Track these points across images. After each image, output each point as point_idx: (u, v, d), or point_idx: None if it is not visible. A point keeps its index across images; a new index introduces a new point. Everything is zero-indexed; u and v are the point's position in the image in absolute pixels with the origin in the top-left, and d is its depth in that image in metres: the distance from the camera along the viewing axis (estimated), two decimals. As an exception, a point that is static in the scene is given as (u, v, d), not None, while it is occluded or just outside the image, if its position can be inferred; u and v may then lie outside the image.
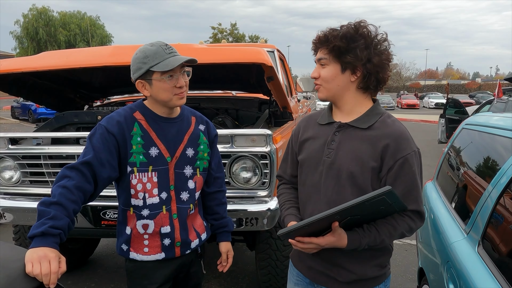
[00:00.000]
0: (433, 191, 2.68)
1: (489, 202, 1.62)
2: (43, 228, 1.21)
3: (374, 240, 1.28)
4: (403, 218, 1.29)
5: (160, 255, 1.57)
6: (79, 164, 1.40)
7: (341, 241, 1.25)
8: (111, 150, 1.46)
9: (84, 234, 2.89)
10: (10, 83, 3.02)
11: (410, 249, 4.04)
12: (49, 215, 1.25)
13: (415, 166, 1.29)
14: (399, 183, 1.27)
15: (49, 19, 45.80)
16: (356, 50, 1.27)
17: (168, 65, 1.41)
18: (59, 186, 1.34)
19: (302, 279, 1.49)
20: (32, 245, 1.20)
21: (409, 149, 1.28)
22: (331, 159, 1.34)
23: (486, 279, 1.38)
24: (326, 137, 1.38)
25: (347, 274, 1.36)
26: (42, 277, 1.13)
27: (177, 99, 1.49)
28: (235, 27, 42.32)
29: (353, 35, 1.28)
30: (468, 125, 2.53)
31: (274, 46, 4.25)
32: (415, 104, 32.13)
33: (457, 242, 1.76)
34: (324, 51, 1.32)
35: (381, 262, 1.40)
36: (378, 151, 1.29)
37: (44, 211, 1.26)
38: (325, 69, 1.33)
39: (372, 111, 1.36)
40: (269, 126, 3.03)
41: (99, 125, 1.49)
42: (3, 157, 2.66)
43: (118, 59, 2.51)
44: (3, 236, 4.21)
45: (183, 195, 1.58)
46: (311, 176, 1.40)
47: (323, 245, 1.25)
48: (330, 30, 1.32)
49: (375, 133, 1.31)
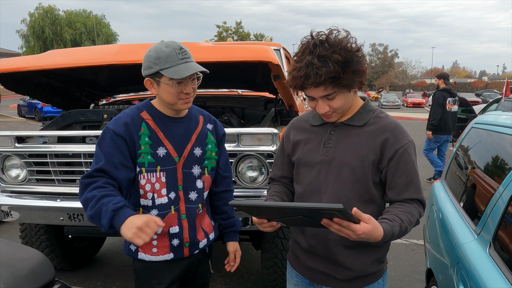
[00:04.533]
0: (442, 191, 2.65)
1: (500, 203, 1.59)
2: (111, 208, 1.29)
3: (400, 228, 1.22)
4: (413, 206, 1.30)
5: (169, 256, 1.56)
6: (93, 171, 1.41)
7: (377, 230, 1.13)
8: (123, 152, 1.45)
9: (90, 233, 2.90)
10: (17, 82, 3.03)
11: (417, 249, 4.01)
12: (102, 201, 1.32)
13: (413, 155, 1.33)
14: (400, 173, 1.30)
15: (55, 18, 46.04)
16: (356, 69, 1.25)
17: (177, 73, 1.40)
18: (88, 191, 1.37)
19: (301, 280, 1.49)
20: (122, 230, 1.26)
21: (406, 140, 1.33)
22: (329, 157, 1.35)
23: (498, 281, 1.36)
24: (321, 137, 1.39)
25: (347, 271, 1.36)
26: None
27: (182, 103, 1.48)
28: (240, 25, 42.32)
29: (350, 58, 1.22)
30: (477, 124, 2.50)
31: (280, 44, 4.23)
32: (421, 103, 31.94)
33: (467, 243, 1.73)
34: (330, 87, 1.23)
35: (380, 257, 1.41)
36: (377, 145, 1.31)
37: (96, 208, 1.32)
38: (336, 100, 1.27)
39: (364, 108, 1.38)
40: (275, 125, 3.01)
41: (107, 129, 1.48)
42: (9, 156, 2.67)
43: (124, 58, 2.50)
44: (9, 235, 4.24)
45: (191, 195, 1.58)
46: (308, 175, 1.40)
47: (359, 233, 1.09)
48: (324, 68, 1.19)
49: (371, 129, 1.34)
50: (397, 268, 3.59)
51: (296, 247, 1.50)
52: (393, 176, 1.31)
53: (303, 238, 1.44)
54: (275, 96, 3.10)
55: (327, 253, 1.37)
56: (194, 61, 1.48)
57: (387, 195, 1.35)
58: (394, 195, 1.32)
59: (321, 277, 1.41)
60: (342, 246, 1.35)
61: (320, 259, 1.39)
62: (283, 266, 2.71)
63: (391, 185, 1.33)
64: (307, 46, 1.24)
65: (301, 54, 1.25)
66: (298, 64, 1.24)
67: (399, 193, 1.31)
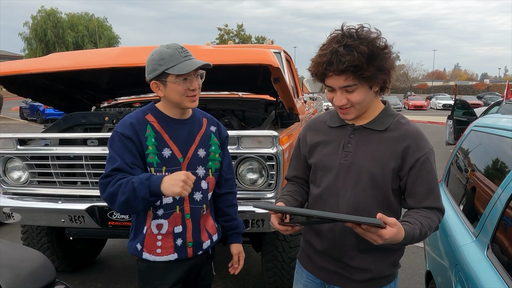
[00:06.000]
0: (441, 193, 2.65)
1: (499, 205, 1.60)
2: (145, 177, 1.39)
3: (420, 232, 1.21)
4: (433, 212, 1.30)
5: (173, 256, 1.58)
6: (110, 171, 1.45)
7: (400, 232, 1.13)
8: (133, 153, 1.49)
9: (91, 235, 2.91)
10: (19, 85, 3.05)
11: (417, 251, 4.00)
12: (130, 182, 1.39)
13: (434, 164, 1.31)
14: (421, 181, 1.29)
15: (57, 21, 46.24)
16: (380, 65, 1.23)
17: (184, 69, 1.43)
18: (110, 186, 1.43)
19: (312, 280, 1.48)
20: (167, 189, 1.36)
21: (428, 148, 1.30)
22: (349, 161, 1.33)
23: (496, 283, 1.37)
24: (340, 139, 1.37)
25: (363, 273, 1.35)
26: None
27: (189, 101, 1.51)
28: (242, 28, 42.41)
29: (376, 52, 1.21)
30: (476, 126, 2.50)
31: (281, 47, 4.25)
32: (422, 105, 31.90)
33: (465, 245, 1.74)
34: (351, 78, 1.21)
35: (394, 260, 1.40)
36: (398, 152, 1.29)
37: (128, 190, 1.39)
38: (355, 93, 1.25)
39: (385, 112, 1.36)
40: (275, 128, 3.02)
41: (115, 132, 1.51)
42: (11, 158, 2.68)
43: (126, 60, 2.52)
44: (11, 236, 4.25)
45: (196, 195, 1.60)
46: (326, 178, 1.38)
47: (386, 237, 1.09)
48: (349, 56, 1.18)
49: (392, 135, 1.31)
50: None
51: (309, 248, 1.48)
52: (414, 184, 1.29)
53: (318, 240, 1.42)
54: (275, 99, 3.11)
55: (342, 256, 1.36)
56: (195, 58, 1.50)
57: (406, 202, 1.34)
58: (414, 203, 1.31)
59: (336, 278, 1.40)
60: (358, 250, 1.34)
61: (334, 261, 1.39)
62: (283, 268, 2.72)
63: (411, 193, 1.31)
64: (335, 36, 1.24)
65: (328, 43, 1.24)
66: (323, 51, 1.23)
67: (420, 201, 1.30)
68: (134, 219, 1.63)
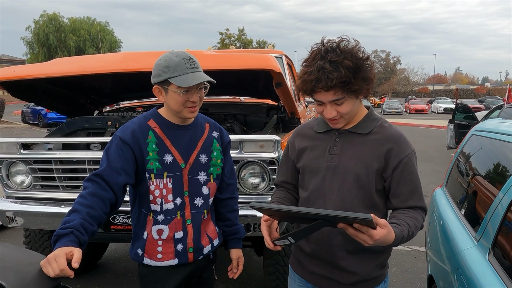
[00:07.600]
0: (442, 198, 2.66)
1: (500, 209, 1.61)
2: (55, 232, 1.26)
3: (408, 232, 1.24)
4: (417, 212, 1.33)
5: (174, 261, 1.59)
6: (92, 175, 1.46)
7: (391, 234, 1.15)
8: (127, 158, 1.49)
9: (94, 238, 2.89)
10: (22, 89, 3.07)
11: (419, 255, 4.00)
12: (64, 221, 1.30)
13: (416, 164, 1.38)
14: (405, 182, 1.34)
15: (59, 25, 46.49)
16: (365, 76, 1.28)
17: (185, 82, 1.44)
18: (78, 197, 1.41)
19: (304, 285, 1.51)
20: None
21: (409, 150, 1.36)
22: (335, 163, 1.38)
23: (497, 287, 1.37)
24: (326, 144, 1.42)
25: (351, 276, 1.39)
26: (55, 275, 1.15)
27: (188, 112, 1.52)
28: (243, 32, 42.53)
29: (360, 65, 1.26)
30: (477, 131, 2.51)
31: (282, 52, 4.27)
32: (423, 109, 31.92)
33: (467, 250, 1.74)
34: (339, 92, 1.26)
35: (382, 261, 1.44)
36: (382, 153, 1.34)
37: (63, 220, 1.32)
38: (343, 105, 1.30)
39: (368, 117, 1.41)
40: (277, 132, 3.04)
41: (115, 136, 1.52)
42: (15, 162, 2.70)
43: (128, 66, 2.54)
44: (13, 240, 4.26)
45: (197, 201, 1.60)
46: (313, 181, 1.42)
47: (376, 238, 1.10)
48: (336, 72, 1.22)
49: (375, 137, 1.37)
50: (399, 275, 3.59)
51: (299, 252, 1.52)
52: (398, 184, 1.34)
53: (306, 243, 1.46)
54: (277, 103, 3.13)
55: (330, 258, 1.39)
56: (202, 71, 1.52)
57: (391, 203, 1.38)
58: (399, 203, 1.35)
59: (325, 282, 1.43)
60: (346, 252, 1.37)
61: (323, 263, 1.42)
62: (285, 272, 2.72)
63: (395, 193, 1.35)
64: (318, 52, 1.27)
65: (312, 59, 1.28)
66: (309, 68, 1.27)
67: (404, 201, 1.34)
68: (134, 224, 1.64)
